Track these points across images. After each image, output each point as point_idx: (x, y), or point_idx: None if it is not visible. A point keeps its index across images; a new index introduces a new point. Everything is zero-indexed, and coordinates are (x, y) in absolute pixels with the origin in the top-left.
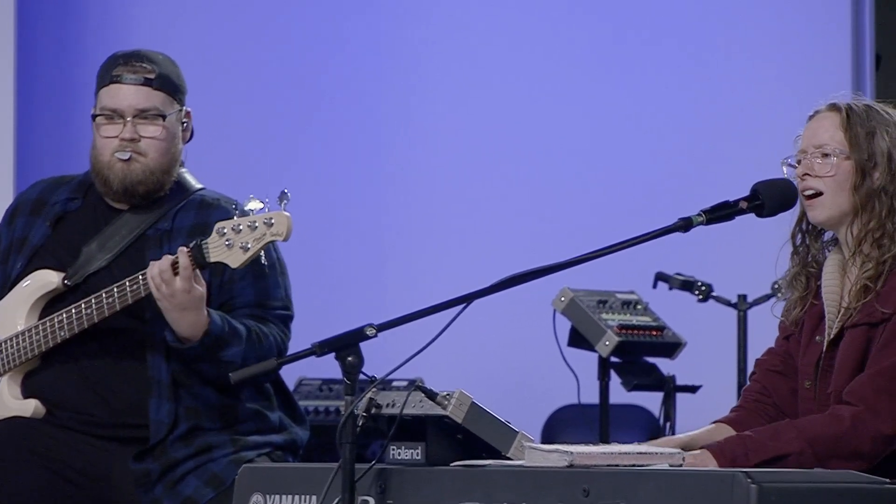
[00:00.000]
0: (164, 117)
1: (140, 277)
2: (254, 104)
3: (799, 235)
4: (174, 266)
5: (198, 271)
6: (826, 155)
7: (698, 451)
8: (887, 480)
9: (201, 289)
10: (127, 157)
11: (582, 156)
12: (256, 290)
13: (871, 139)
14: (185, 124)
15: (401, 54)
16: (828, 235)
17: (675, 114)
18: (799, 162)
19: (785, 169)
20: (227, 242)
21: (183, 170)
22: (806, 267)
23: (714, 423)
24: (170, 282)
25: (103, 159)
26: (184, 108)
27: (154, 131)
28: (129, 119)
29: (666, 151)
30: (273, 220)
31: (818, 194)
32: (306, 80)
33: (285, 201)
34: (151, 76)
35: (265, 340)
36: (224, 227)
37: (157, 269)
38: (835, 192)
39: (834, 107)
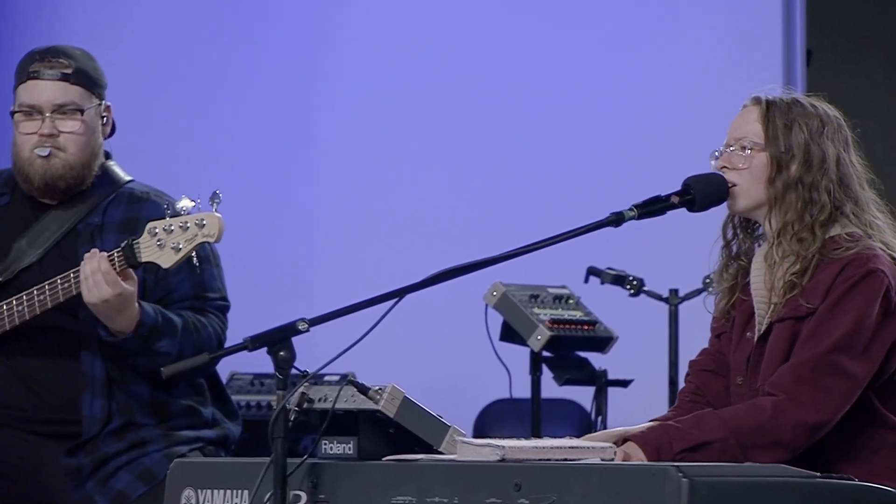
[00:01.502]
0: (82, 112)
1: (71, 275)
2: (182, 99)
3: (730, 229)
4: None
5: (130, 269)
6: (744, 147)
7: (626, 444)
8: (817, 474)
9: (131, 288)
10: (46, 154)
11: (513, 150)
12: (193, 283)
13: (789, 132)
14: (104, 118)
15: (328, 50)
16: (761, 230)
17: (606, 108)
18: (722, 155)
19: (712, 162)
20: (158, 242)
21: (111, 162)
22: (736, 259)
23: (651, 421)
24: (99, 285)
25: (23, 156)
26: (103, 102)
27: (73, 126)
28: (47, 115)
29: (597, 146)
30: (205, 221)
31: (734, 185)
32: (234, 76)
33: (217, 202)
34: (69, 71)
35: (203, 330)
36: (156, 227)
37: (89, 278)
38: (749, 184)
39: (756, 100)
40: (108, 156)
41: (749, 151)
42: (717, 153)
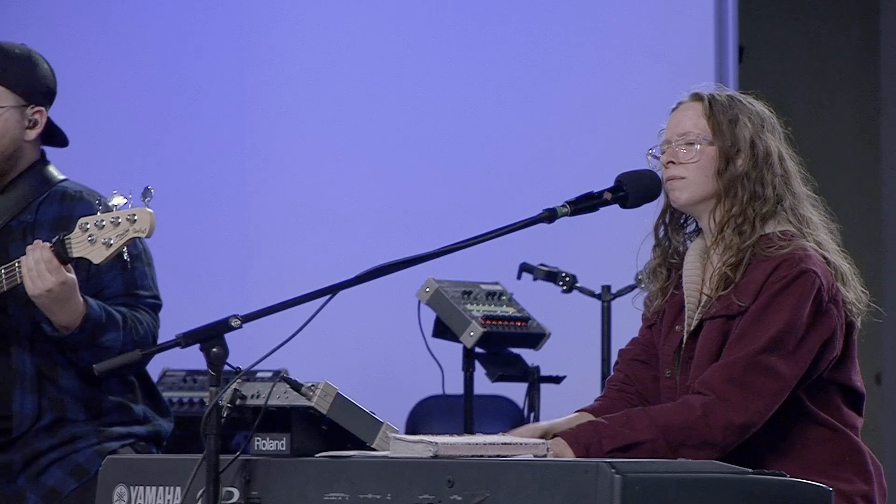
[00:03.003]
0: None
1: (2, 271)
2: (114, 95)
3: (662, 228)
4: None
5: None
6: (690, 143)
7: (553, 440)
8: (749, 470)
9: (73, 276)
10: None
11: (447, 147)
12: (125, 280)
13: (734, 126)
14: (31, 122)
15: (259, 45)
16: (690, 228)
17: (540, 105)
18: (664, 152)
19: (649, 160)
20: (89, 238)
21: (45, 162)
22: (667, 259)
23: (577, 411)
24: (43, 275)
25: None
26: (32, 106)
27: None
28: None
29: (530, 143)
30: (136, 217)
31: (681, 178)
32: (170, 74)
33: (149, 198)
34: None
35: (140, 327)
36: (87, 223)
37: (33, 269)
38: (698, 177)
39: (697, 96)
40: (43, 155)
41: (698, 146)
42: (654, 151)
